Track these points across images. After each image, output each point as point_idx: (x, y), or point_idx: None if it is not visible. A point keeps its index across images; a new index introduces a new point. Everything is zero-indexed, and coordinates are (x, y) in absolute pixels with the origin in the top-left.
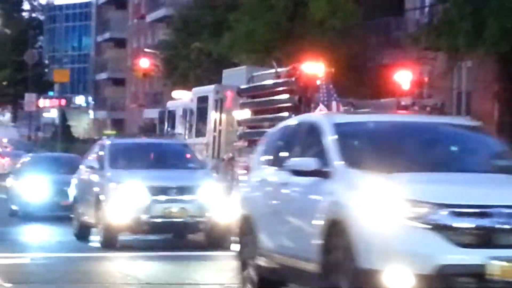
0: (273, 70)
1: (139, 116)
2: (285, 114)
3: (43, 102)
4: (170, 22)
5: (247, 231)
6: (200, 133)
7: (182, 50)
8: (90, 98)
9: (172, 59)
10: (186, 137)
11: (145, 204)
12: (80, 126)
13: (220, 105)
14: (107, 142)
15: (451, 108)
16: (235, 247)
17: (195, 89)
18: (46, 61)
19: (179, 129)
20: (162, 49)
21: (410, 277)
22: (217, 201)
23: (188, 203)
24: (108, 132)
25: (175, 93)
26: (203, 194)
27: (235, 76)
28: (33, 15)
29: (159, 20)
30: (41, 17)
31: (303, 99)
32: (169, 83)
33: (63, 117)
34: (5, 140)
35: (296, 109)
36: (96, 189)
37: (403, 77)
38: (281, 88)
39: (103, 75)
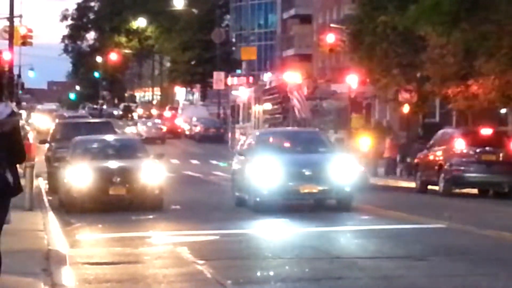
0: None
1: (326, 91)
2: (277, 106)
3: (231, 80)
4: None
5: None
6: (249, 119)
7: (368, 24)
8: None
9: (358, 33)
10: (241, 122)
11: None
12: None
13: (258, 100)
14: None
15: None
16: None
17: (244, 91)
18: (233, 40)
19: (240, 117)
20: (348, 24)
21: None
22: None
23: None
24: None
25: (238, 92)
26: None
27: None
28: None
29: None
30: None
31: (285, 97)
32: (356, 58)
33: None
34: (194, 119)
35: (282, 103)
36: None
37: None
38: (275, 90)
39: (289, 52)
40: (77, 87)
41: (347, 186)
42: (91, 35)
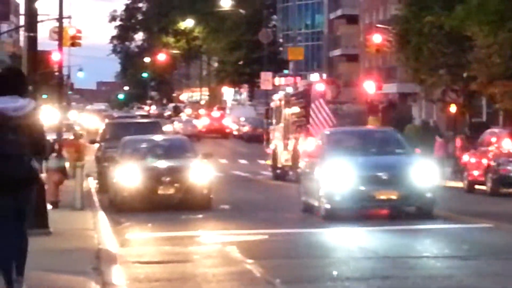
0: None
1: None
2: (301, 110)
3: (278, 80)
4: None
5: None
6: (280, 121)
7: (415, 24)
8: (324, 75)
9: (404, 33)
10: (275, 124)
11: None
12: None
13: (288, 104)
14: None
15: None
16: None
17: (277, 95)
18: (280, 40)
19: (274, 119)
20: (394, 24)
21: None
22: None
23: None
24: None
25: (274, 96)
26: None
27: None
28: None
29: None
30: None
31: (307, 102)
32: (402, 58)
33: None
34: (242, 119)
35: (305, 108)
36: None
37: None
38: (300, 95)
39: (336, 52)
40: (126, 88)
41: (428, 191)
42: (139, 36)
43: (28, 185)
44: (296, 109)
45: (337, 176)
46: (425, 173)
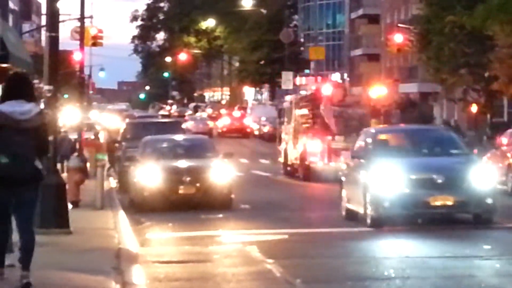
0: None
1: (394, 91)
2: (309, 113)
3: (299, 80)
4: None
5: None
6: (291, 121)
7: (436, 24)
8: (345, 75)
9: (425, 33)
10: (286, 123)
11: None
12: None
13: (298, 106)
14: None
15: None
16: None
17: (288, 96)
18: (302, 39)
19: (286, 120)
20: (416, 24)
21: None
22: None
23: None
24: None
25: (286, 97)
26: None
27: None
28: None
29: None
30: None
31: (314, 105)
32: (424, 58)
33: None
34: (263, 119)
35: (313, 109)
36: None
37: None
38: (308, 98)
39: (357, 52)
40: (147, 87)
41: (488, 197)
42: (160, 36)
43: (32, 184)
44: (304, 111)
45: (385, 179)
46: (484, 176)
